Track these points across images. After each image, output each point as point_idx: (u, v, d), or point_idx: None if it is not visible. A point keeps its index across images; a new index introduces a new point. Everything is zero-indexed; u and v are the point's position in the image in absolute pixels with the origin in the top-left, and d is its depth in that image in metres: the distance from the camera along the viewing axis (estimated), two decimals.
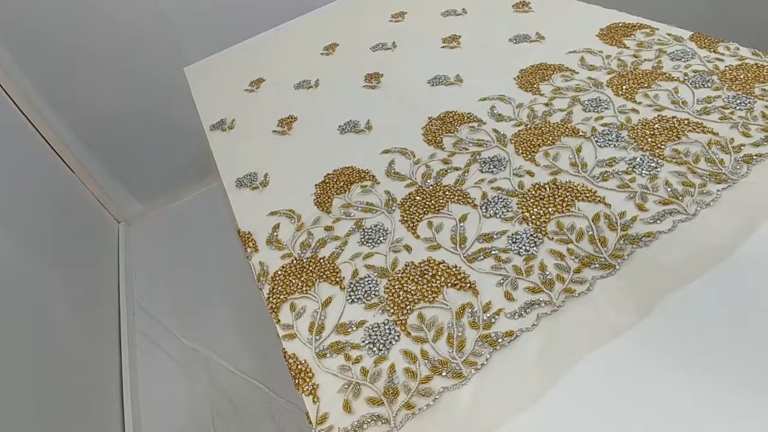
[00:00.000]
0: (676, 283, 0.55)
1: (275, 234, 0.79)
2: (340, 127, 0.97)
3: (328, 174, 0.86)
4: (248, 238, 0.80)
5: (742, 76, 0.77)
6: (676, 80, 0.81)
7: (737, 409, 0.45)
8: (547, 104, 0.85)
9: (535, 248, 0.62)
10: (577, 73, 0.90)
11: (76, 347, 1.33)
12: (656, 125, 0.73)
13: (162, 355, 1.60)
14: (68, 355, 1.27)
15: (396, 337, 0.59)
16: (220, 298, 1.69)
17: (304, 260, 0.72)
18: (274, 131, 1.04)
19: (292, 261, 0.73)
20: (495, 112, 0.87)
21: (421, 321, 0.59)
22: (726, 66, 0.81)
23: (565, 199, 0.67)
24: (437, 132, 0.87)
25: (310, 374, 0.58)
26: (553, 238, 0.63)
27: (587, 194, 0.67)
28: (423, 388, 0.53)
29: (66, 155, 1.82)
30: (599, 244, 0.60)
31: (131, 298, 1.81)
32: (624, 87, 0.82)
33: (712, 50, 0.85)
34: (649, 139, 0.71)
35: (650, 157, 0.69)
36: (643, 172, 0.67)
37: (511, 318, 0.56)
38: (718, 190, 0.62)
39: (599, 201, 0.65)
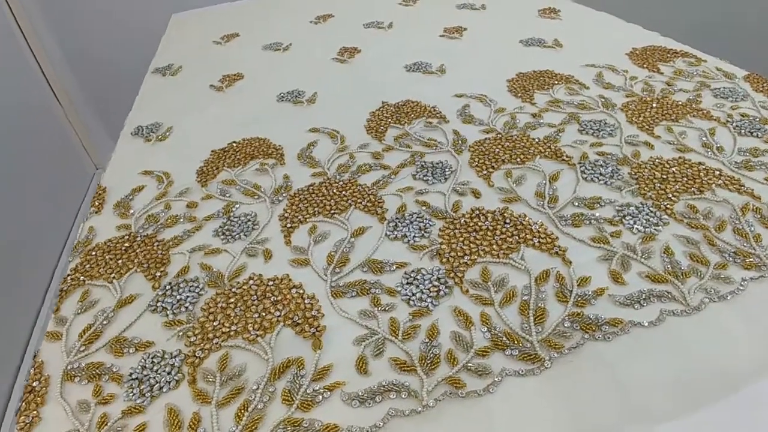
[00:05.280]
0: (645, 424, 0.31)
1: (131, 197, 0.59)
2: (280, 94, 0.77)
3: (234, 142, 0.66)
4: (101, 194, 0.60)
5: None
6: (715, 120, 0.58)
7: None
8: (534, 115, 0.63)
9: (434, 301, 0.40)
10: (588, 88, 0.68)
11: None
12: (673, 168, 0.50)
13: None
14: None
15: (173, 381, 0.37)
16: None
17: (138, 238, 0.51)
18: (211, 86, 0.85)
19: (125, 236, 0.52)
20: (466, 111, 0.65)
21: (221, 368, 0.37)
22: None
23: (509, 238, 0.44)
24: (385, 120, 0.65)
25: (38, 400, 0.37)
26: (466, 292, 0.40)
27: (543, 239, 0.44)
28: None
29: (57, 87, 1.67)
30: (532, 319, 0.37)
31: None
32: (642, 114, 0.60)
33: None
34: (658, 184, 0.48)
35: (652, 209, 0.46)
36: (637, 226, 0.44)
37: (347, 404, 0.34)
38: (743, 279, 0.38)
39: (557, 253, 0.43)
